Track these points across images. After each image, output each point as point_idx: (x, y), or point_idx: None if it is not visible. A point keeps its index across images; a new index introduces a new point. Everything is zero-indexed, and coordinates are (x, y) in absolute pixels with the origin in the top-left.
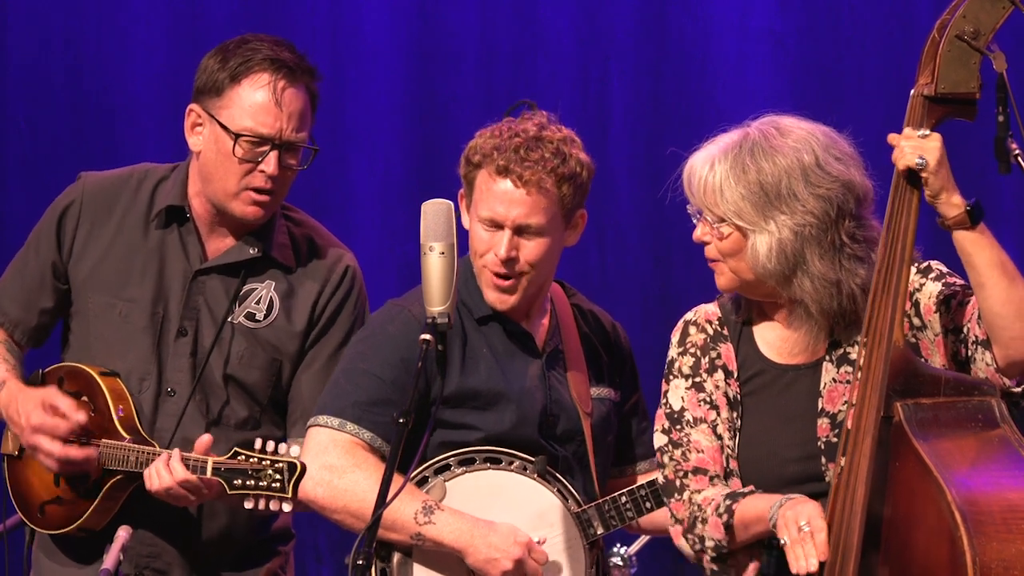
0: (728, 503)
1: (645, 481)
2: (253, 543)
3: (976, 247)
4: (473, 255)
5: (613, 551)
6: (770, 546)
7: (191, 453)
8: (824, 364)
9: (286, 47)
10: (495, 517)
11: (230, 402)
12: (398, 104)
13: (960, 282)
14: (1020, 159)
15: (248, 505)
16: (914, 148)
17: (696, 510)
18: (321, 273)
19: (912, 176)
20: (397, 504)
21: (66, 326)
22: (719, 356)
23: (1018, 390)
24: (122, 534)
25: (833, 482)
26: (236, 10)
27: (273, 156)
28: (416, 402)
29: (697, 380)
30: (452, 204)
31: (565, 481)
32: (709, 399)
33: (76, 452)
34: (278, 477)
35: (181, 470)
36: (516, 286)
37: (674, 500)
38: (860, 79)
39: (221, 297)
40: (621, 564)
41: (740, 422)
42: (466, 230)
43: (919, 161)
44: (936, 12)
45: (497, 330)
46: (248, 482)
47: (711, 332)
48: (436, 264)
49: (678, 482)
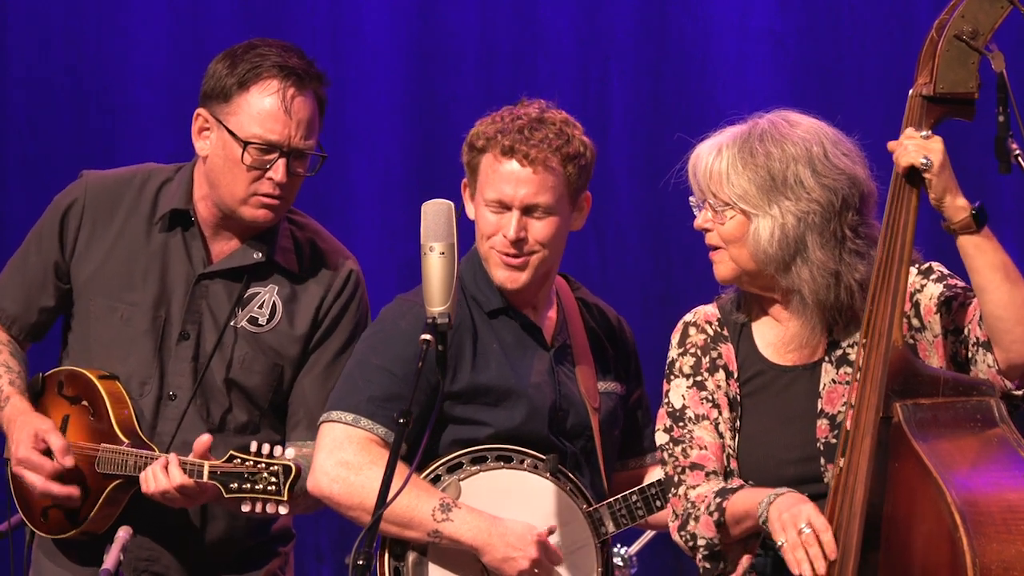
0: (719, 500)
1: (655, 479)
2: (253, 545)
3: (979, 251)
4: (480, 240)
5: (613, 551)
6: (765, 547)
7: (188, 457)
8: (823, 365)
9: (295, 53)
10: (509, 516)
11: (231, 406)
12: (398, 104)
13: (961, 284)
14: (1020, 159)
15: (245, 509)
16: (918, 147)
17: (690, 507)
18: (325, 278)
19: (911, 175)
20: (415, 501)
21: (66, 327)
22: (720, 356)
23: (1019, 392)
24: (122, 534)
25: (832, 483)
26: (236, 10)
27: (281, 164)
28: (424, 400)
29: (698, 379)
30: (452, 204)
31: (575, 479)
32: (711, 398)
33: (58, 490)
34: (273, 480)
35: (178, 475)
36: (526, 264)
37: (672, 496)
38: (860, 79)
39: (224, 301)
40: (621, 564)
41: (740, 423)
42: (471, 221)
43: (924, 161)
44: (936, 12)
45: (507, 323)
46: (244, 486)
47: (711, 333)
48: (436, 264)
49: (676, 478)
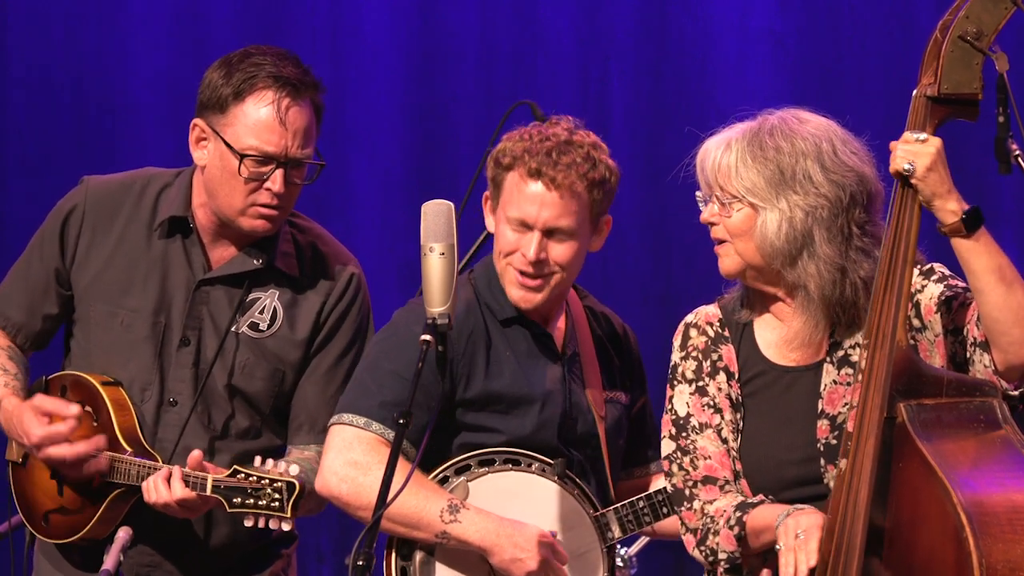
0: (739, 515)
1: (661, 486)
2: (256, 548)
3: (972, 254)
4: (497, 256)
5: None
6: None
7: (191, 470)
8: (825, 366)
9: (290, 61)
10: (516, 518)
11: (233, 412)
12: (398, 104)
13: (962, 284)
14: (1020, 160)
15: (248, 523)
16: (905, 153)
17: (709, 522)
18: (326, 282)
19: (904, 179)
20: (423, 502)
21: (68, 333)
22: (720, 358)
23: (1015, 393)
24: (122, 535)
25: (836, 483)
26: (236, 10)
27: (279, 174)
28: (434, 405)
29: (700, 384)
30: (452, 204)
31: (582, 484)
32: (713, 403)
33: (84, 448)
34: (277, 496)
35: (180, 488)
36: (543, 286)
37: (684, 509)
38: (860, 79)
39: (224, 307)
40: (621, 565)
41: (742, 423)
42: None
43: (907, 167)
44: (936, 12)
45: (520, 332)
46: (247, 501)
47: (712, 334)
48: (436, 265)
49: (687, 491)
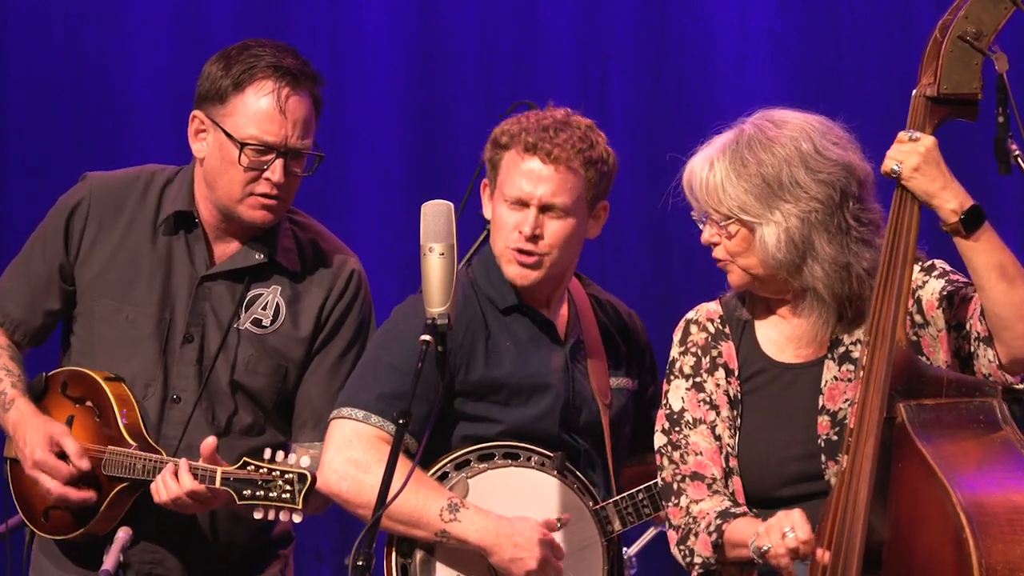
0: (719, 522)
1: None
2: (255, 548)
3: (973, 252)
4: (495, 238)
5: None
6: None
7: (199, 462)
8: (826, 362)
9: (289, 53)
10: (515, 513)
11: (237, 409)
12: (398, 104)
13: (963, 279)
14: (1020, 160)
15: (258, 516)
16: (895, 153)
17: (691, 522)
18: (327, 278)
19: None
20: (423, 501)
21: (67, 328)
22: (720, 355)
23: (1021, 387)
24: (122, 535)
25: (835, 482)
26: (236, 10)
27: (279, 164)
28: (434, 401)
29: (697, 380)
30: (452, 205)
31: (583, 476)
32: (709, 399)
33: (74, 495)
34: (288, 488)
35: (189, 481)
36: (539, 264)
37: (671, 505)
38: (860, 79)
39: (227, 303)
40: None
41: (740, 420)
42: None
43: (894, 168)
44: (936, 12)
45: (520, 320)
46: (258, 493)
47: (712, 331)
48: (436, 265)
49: (675, 486)
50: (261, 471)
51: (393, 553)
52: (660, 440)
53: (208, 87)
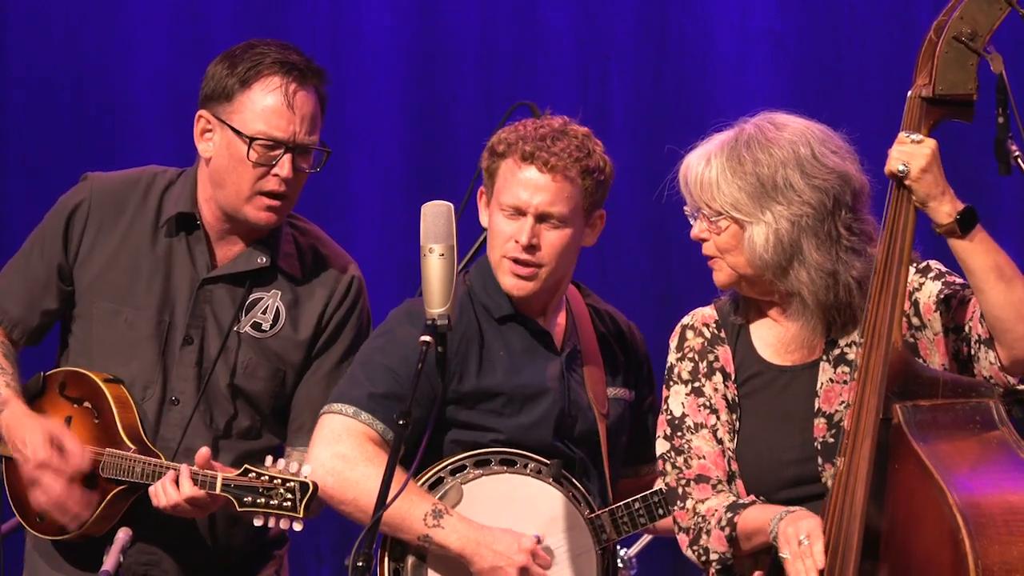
0: (730, 515)
1: (658, 487)
2: (251, 549)
3: (969, 253)
4: (491, 248)
5: None
6: (775, 560)
7: (200, 468)
8: (821, 364)
9: (293, 50)
10: (510, 521)
11: (235, 412)
12: (398, 104)
13: (960, 281)
14: (1020, 160)
15: (258, 522)
16: (899, 154)
17: (700, 521)
18: (328, 283)
19: (900, 180)
20: (408, 504)
21: (66, 329)
22: (716, 359)
23: (1022, 388)
24: (122, 536)
25: (832, 484)
26: (236, 10)
27: (287, 159)
28: (427, 404)
29: (696, 385)
30: (452, 206)
31: (580, 485)
32: (708, 403)
33: (75, 500)
34: (289, 496)
35: (189, 487)
36: (535, 275)
37: (678, 508)
38: (860, 79)
39: (228, 306)
40: (621, 566)
41: (739, 424)
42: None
43: (901, 168)
44: (936, 13)
45: (516, 330)
46: (259, 500)
47: (708, 336)
48: (436, 266)
49: (680, 490)
50: (262, 478)
51: (386, 557)
52: (663, 446)
53: (214, 86)
